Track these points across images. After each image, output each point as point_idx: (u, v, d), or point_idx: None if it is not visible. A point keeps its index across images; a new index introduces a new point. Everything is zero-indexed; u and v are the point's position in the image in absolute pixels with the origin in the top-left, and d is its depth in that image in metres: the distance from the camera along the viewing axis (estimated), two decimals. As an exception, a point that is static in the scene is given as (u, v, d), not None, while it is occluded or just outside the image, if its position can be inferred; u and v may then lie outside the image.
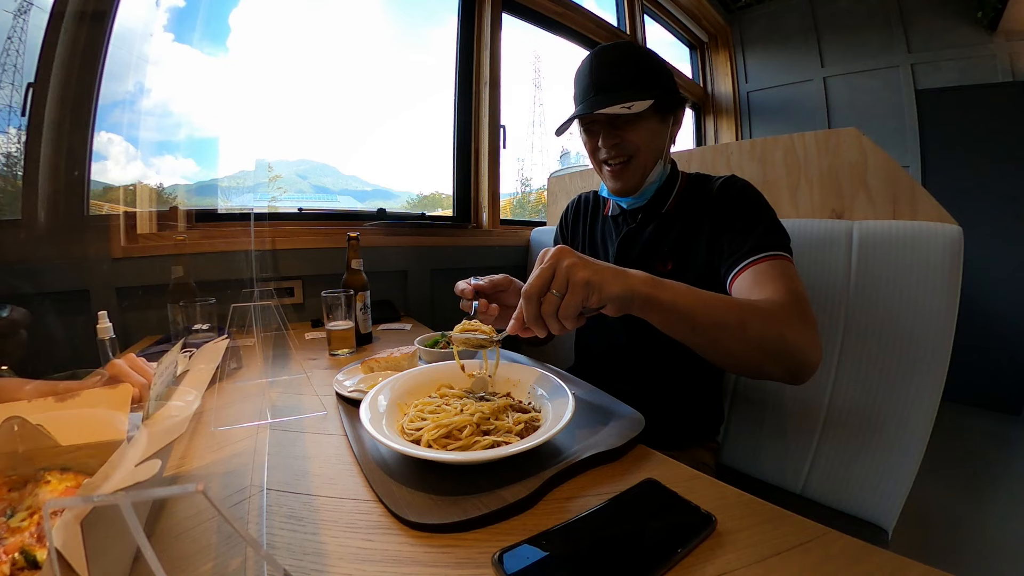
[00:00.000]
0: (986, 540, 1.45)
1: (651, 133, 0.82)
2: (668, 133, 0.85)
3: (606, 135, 0.82)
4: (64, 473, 0.38)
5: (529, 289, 0.53)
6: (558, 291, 0.52)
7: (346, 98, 1.73)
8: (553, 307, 0.52)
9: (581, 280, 0.51)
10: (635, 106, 0.75)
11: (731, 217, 0.76)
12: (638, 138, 0.81)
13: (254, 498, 0.43)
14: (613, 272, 0.54)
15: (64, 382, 0.62)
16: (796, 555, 0.35)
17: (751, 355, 0.60)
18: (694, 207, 0.84)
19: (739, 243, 0.73)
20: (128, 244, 1.17)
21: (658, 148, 0.84)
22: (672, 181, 0.88)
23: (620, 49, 0.84)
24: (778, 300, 0.62)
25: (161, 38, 1.32)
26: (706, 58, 3.46)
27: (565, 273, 0.52)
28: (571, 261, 0.52)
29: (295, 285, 1.39)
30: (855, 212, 0.95)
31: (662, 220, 0.86)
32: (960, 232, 0.76)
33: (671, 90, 0.83)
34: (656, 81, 0.81)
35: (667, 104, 0.82)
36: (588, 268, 0.52)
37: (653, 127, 0.82)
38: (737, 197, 0.79)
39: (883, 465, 0.80)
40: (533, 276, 0.53)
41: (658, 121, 0.82)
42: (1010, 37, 2.43)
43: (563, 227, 1.11)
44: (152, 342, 1.06)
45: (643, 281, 0.55)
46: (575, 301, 0.51)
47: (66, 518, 0.23)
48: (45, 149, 1.07)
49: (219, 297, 0.97)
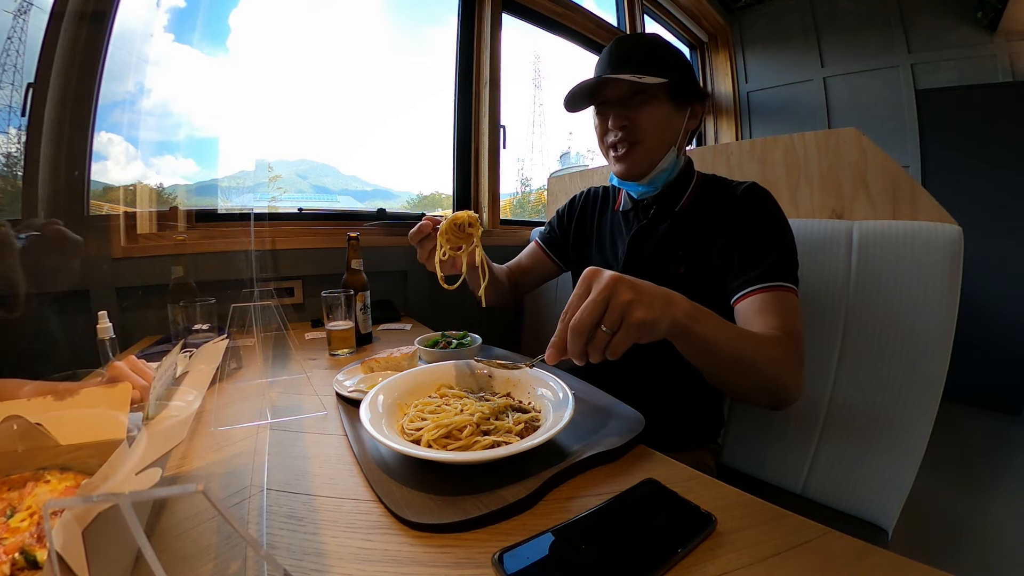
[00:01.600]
0: (986, 540, 1.44)
1: (663, 118, 0.80)
2: (683, 124, 0.83)
3: (616, 116, 0.80)
4: (64, 472, 0.38)
5: (579, 324, 0.47)
6: (610, 328, 0.47)
7: (346, 98, 1.73)
8: (602, 344, 0.47)
9: (637, 321, 0.47)
10: (647, 79, 0.74)
11: (749, 231, 0.74)
12: (648, 121, 0.79)
13: (254, 498, 0.43)
14: (663, 304, 0.50)
15: (64, 382, 0.62)
16: (796, 555, 0.35)
17: (748, 387, 0.64)
18: (710, 209, 0.81)
19: (751, 263, 0.71)
20: (128, 244, 1.17)
21: (670, 136, 0.82)
22: (687, 178, 0.86)
23: (640, 36, 0.86)
24: (783, 340, 0.63)
25: (161, 38, 1.32)
26: (706, 58, 3.46)
27: (620, 311, 0.46)
28: (628, 297, 0.47)
29: (295, 285, 1.39)
30: (855, 212, 0.95)
31: (675, 219, 0.84)
32: (960, 232, 0.76)
33: (688, 79, 0.81)
34: (673, 66, 0.80)
35: (682, 91, 0.81)
36: (643, 305, 0.47)
37: (666, 112, 0.80)
38: (759, 210, 0.76)
39: (883, 465, 0.80)
40: (582, 307, 0.47)
41: (672, 108, 0.80)
42: (1010, 37, 2.42)
43: (566, 217, 1.08)
44: (152, 342, 1.06)
45: (686, 312, 0.52)
46: (627, 341, 0.47)
47: (66, 519, 0.23)
48: (45, 149, 1.06)
49: (219, 297, 0.97)
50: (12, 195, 1.10)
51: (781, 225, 0.75)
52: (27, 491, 0.35)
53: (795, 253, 0.73)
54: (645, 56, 0.80)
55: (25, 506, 0.33)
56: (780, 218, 0.76)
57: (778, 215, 0.76)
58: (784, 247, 0.73)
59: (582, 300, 0.48)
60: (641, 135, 0.80)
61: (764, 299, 0.68)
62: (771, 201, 0.77)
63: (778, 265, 0.70)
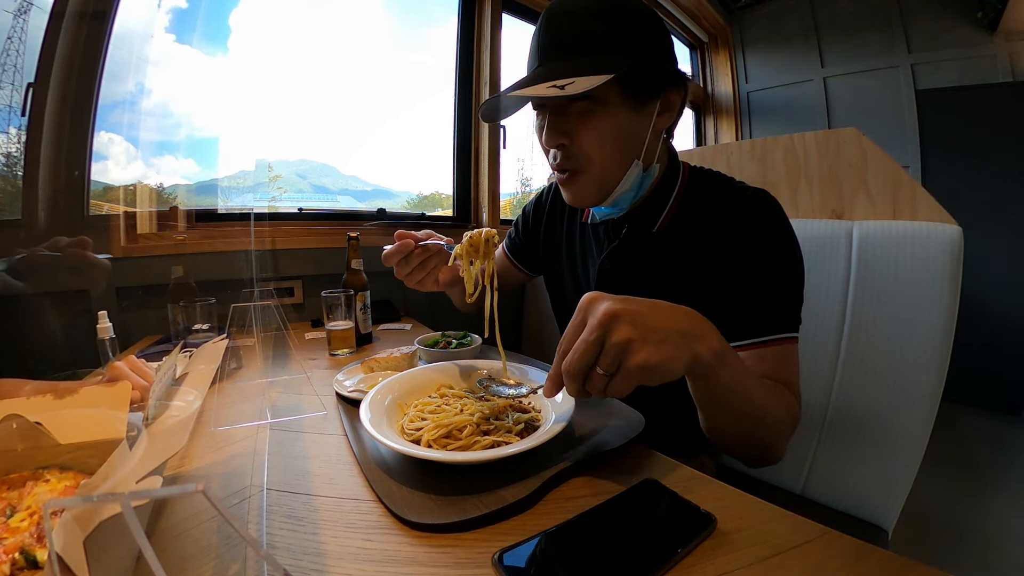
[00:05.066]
0: (986, 540, 1.44)
1: (614, 131, 0.58)
2: (648, 126, 0.60)
3: (550, 130, 0.60)
4: (63, 472, 0.38)
5: (570, 367, 0.41)
6: (606, 371, 0.40)
7: (346, 98, 1.73)
8: (600, 386, 0.41)
9: (637, 366, 0.39)
10: (576, 84, 0.51)
11: (755, 267, 0.60)
12: (591, 141, 0.58)
13: (254, 498, 0.43)
14: (679, 341, 0.41)
15: (64, 382, 0.62)
16: (796, 555, 0.35)
17: (738, 440, 0.56)
18: (702, 226, 0.64)
19: (756, 310, 0.59)
20: (128, 244, 1.17)
21: (630, 147, 0.60)
22: (666, 188, 0.67)
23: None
24: (790, 405, 0.57)
25: (162, 39, 1.32)
26: (706, 58, 3.46)
27: (616, 353, 0.39)
28: (626, 336, 0.39)
29: (295, 285, 1.39)
30: (855, 212, 0.95)
31: (653, 241, 0.67)
32: (960, 232, 0.76)
33: (655, 58, 0.57)
34: (631, 40, 0.55)
35: (645, 83, 0.57)
36: (648, 345, 0.39)
37: (618, 121, 0.58)
38: (768, 239, 0.61)
39: (883, 465, 0.80)
40: (575, 348, 0.41)
41: (629, 110, 0.58)
42: (1010, 37, 2.42)
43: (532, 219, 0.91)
44: (152, 342, 1.06)
45: (713, 351, 0.43)
46: (626, 385, 0.40)
47: (66, 519, 0.23)
48: (45, 149, 1.06)
49: (219, 297, 0.97)
50: (12, 195, 1.10)
51: (790, 255, 0.61)
52: (27, 490, 0.35)
53: (802, 286, 0.62)
54: (584, 34, 0.55)
55: (25, 506, 0.33)
56: (790, 245, 0.61)
57: (788, 241, 0.62)
58: (793, 288, 0.61)
59: (577, 333, 0.42)
60: (583, 161, 0.60)
61: (763, 354, 0.58)
62: (781, 220, 0.62)
63: (783, 313, 0.59)
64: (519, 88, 0.56)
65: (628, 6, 0.56)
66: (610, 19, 0.55)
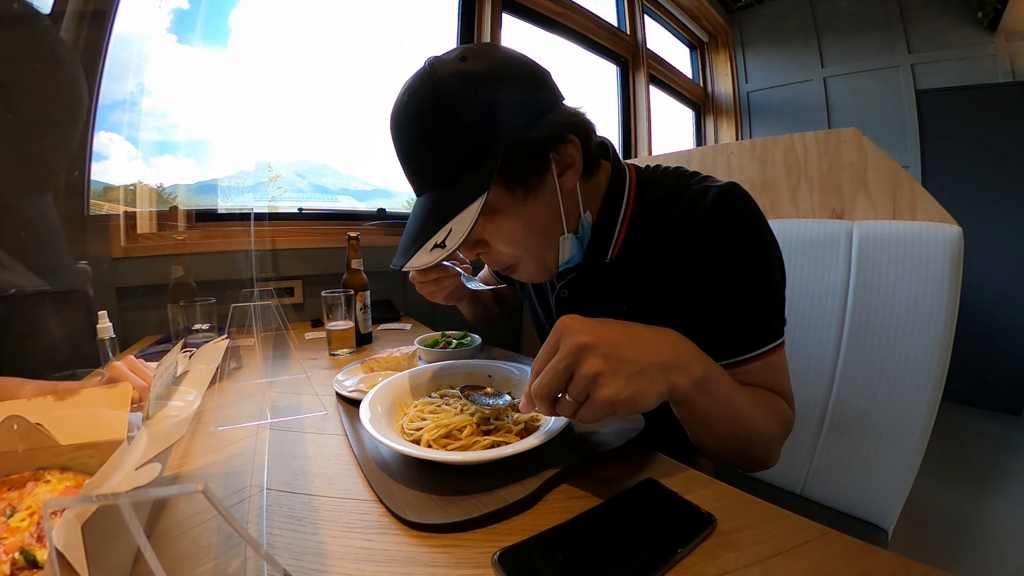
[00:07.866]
0: (986, 540, 1.44)
1: (523, 227, 0.55)
2: (555, 194, 0.55)
3: (464, 251, 0.59)
4: (64, 472, 0.38)
5: (538, 390, 0.41)
6: (574, 399, 0.40)
7: (346, 98, 1.73)
8: (569, 410, 0.41)
9: (605, 400, 0.38)
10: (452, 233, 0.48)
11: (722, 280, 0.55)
12: (505, 246, 0.56)
13: (254, 498, 0.43)
14: (655, 372, 0.40)
15: (64, 382, 0.62)
16: (796, 555, 0.35)
17: (726, 455, 0.55)
18: (656, 245, 0.59)
19: (730, 327, 0.55)
20: (128, 244, 1.17)
21: (548, 230, 0.57)
22: (608, 223, 0.61)
23: (405, 121, 0.53)
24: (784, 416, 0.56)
25: (162, 39, 1.33)
26: (706, 58, 3.46)
27: (584, 384, 0.38)
28: (595, 368, 0.38)
29: (295, 285, 1.39)
30: (855, 212, 0.95)
31: (607, 270, 0.63)
32: (960, 232, 0.76)
33: (520, 140, 0.51)
34: (484, 142, 0.50)
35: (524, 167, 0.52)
36: (620, 378, 0.38)
37: (521, 216, 0.54)
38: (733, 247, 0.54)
39: (883, 465, 0.80)
40: (544, 372, 0.41)
41: (524, 199, 0.53)
42: (1010, 37, 2.42)
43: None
44: (152, 342, 1.06)
45: (694, 381, 0.42)
46: (595, 416, 0.39)
47: (66, 518, 0.23)
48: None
49: (219, 297, 0.97)
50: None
51: (765, 261, 0.55)
52: (27, 491, 0.35)
53: (783, 288, 0.57)
54: (431, 164, 0.52)
55: (25, 506, 0.33)
56: (764, 248, 0.55)
57: (761, 244, 0.55)
58: (771, 297, 0.56)
59: (549, 357, 0.41)
60: (510, 260, 0.59)
61: (751, 370, 0.55)
62: (747, 223, 0.55)
63: (767, 324, 0.56)
64: (406, 258, 0.53)
65: (461, 96, 0.49)
66: (448, 129, 0.50)
